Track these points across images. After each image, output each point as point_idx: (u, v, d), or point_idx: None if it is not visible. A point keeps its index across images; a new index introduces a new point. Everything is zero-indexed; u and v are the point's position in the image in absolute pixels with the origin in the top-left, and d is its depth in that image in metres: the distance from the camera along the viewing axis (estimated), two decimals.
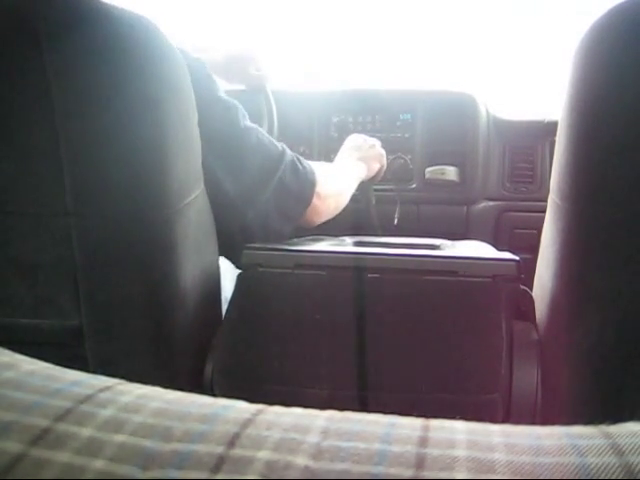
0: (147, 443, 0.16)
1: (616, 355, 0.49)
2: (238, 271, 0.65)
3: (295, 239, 0.90)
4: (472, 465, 0.15)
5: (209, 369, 0.64)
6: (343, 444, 0.16)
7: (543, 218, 0.60)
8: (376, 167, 1.08)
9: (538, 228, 0.63)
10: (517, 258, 0.59)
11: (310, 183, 0.78)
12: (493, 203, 1.33)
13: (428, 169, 1.30)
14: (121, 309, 0.61)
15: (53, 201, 0.57)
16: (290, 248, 0.67)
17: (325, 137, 1.38)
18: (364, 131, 1.36)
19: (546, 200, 0.58)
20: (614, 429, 0.16)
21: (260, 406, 0.18)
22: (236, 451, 0.15)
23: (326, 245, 0.80)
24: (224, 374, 0.59)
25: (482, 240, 1.03)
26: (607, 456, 0.14)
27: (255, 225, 0.73)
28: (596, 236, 0.49)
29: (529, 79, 1.48)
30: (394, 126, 1.36)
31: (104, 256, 0.59)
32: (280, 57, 1.62)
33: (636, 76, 0.45)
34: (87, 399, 0.18)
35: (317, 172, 0.80)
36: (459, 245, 0.94)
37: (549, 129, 1.22)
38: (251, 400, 0.19)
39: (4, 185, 0.58)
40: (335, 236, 0.94)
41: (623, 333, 0.49)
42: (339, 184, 0.90)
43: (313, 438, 0.16)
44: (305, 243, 0.84)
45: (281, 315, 0.60)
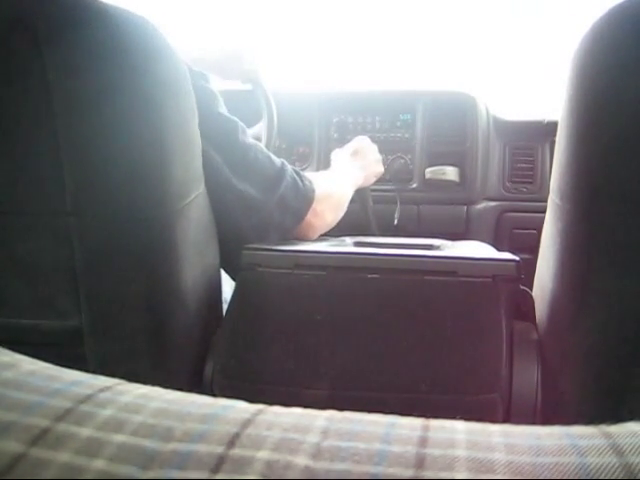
0: (147, 443, 0.16)
1: (616, 355, 0.49)
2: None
3: (295, 239, 0.90)
4: (472, 465, 0.15)
5: (209, 369, 0.64)
6: (343, 444, 0.16)
7: (543, 218, 0.60)
8: (373, 175, 1.08)
9: (538, 228, 0.63)
10: (517, 258, 0.59)
11: (308, 200, 0.79)
12: (493, 203, 1.33)
13: (428, 169, 1.30)
14: (121, 309, 0.61)
15: (53, 201, 0.57)
16: (290, 248, 0.67)
17: (325, 137, 1.39)
18: (364, 131, 1.36)
19: (546, 200, 0.58)
20: (614, 429, 0.16)
21: (260, 406, 0.18)
22: (236, 451, 0.15)
23: (326, 245, 0.80)
24: (224, 374, 0.59)
25: (482, 240, 1.03)
26: (607, 456, 0.14)
27: (251, 236, 0.73)
28: (596, 236, 0.49)
29: (529, 79, 1.48)
30: (394, 126, 1.36)
31: (104, 256, 0.59)
32: (280, 57, 1.62)
33: (636, 76, 0.45)
34: (87, 399, 0.18)
35: (316, 188, 0.80)
36: (459, 245, 0.94)
37: (549, 129, 1.22)
38: (251, 400, 0.19)
39: (4, 185, 0.58)
40: (335, 236, 0.95)
41: (623, 333, 0.49)
42: (337, 198, 0.89)
43: (313, 438, 0.16)
44: (305, 243, 0.84)
45: (281, 315, 0.60)
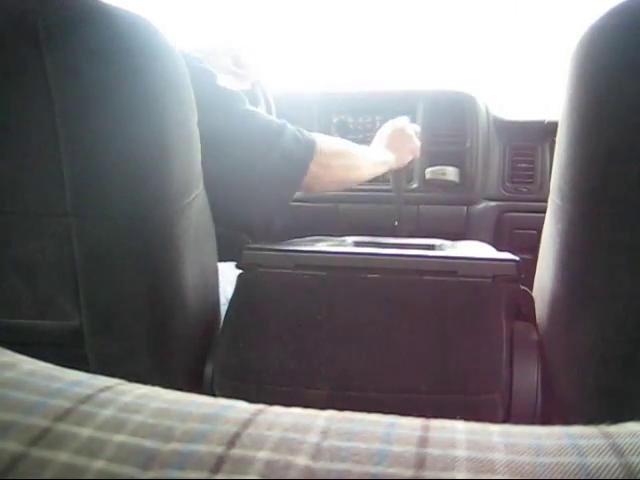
0: (147, 443, 0.16)
1: (616, 355, 0.49)
2: (238, 272, 0.65)
3: (295, 239, 0.91)
4: (472, 465, 0.15)
5: (209, 369, 0.64)
6: (343, 444, 0.16)
7: (543, 218, 0.60)
8: (408, 158, 1.07)
9: (538, 228, 0.63)
10: (517, 258, 0.59)
11: (309, 149, 0.82)
12: (493, 203, 1.33)
13: (428, 169, 1.30)
14: (121, 309, 0.61)
15: (53, 201, 0.57)
16: (290, 248, 0.67)
17: None
18: (364, 131, 1.37)
19: (546, 200, 0.58)
20: (614, 429, 0.16)
21: (260, 406, 0.18)
22: (236, 451, 0.15)
23: (326, 245, 0.80)
24: (224, 374, 0.59)
25: (482, 240, 1.03)
26: (607, 456, 0.14)
27: (262, 188, 0.77)
28: (596, 236, 0.49)
29: (529, 79, 1.48)
30: None
31: (104, 256, 0.59)
32: (280, 57, 1.62)
33: (636, 76, 0.45)
34: (87, 399, 0.18)
35: (318, 141, 0.84)
36: (459, 245, 0.94)
37: (549, 129, 1.22)
38: (251, 400, 0.19)
39: (4, 185, 0.58)
40: (335, 236, 0.95)
41: (623, 333, 0.49)
42: (350, 157, 0.92)
43: (313, 438, 0.16)
44: (305, 243, 0.84)
45: (281, 315, 0.60)
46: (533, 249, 0.68)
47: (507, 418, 0.55)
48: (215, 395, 0.61)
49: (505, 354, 0.54)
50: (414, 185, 1.33)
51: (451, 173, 1.29)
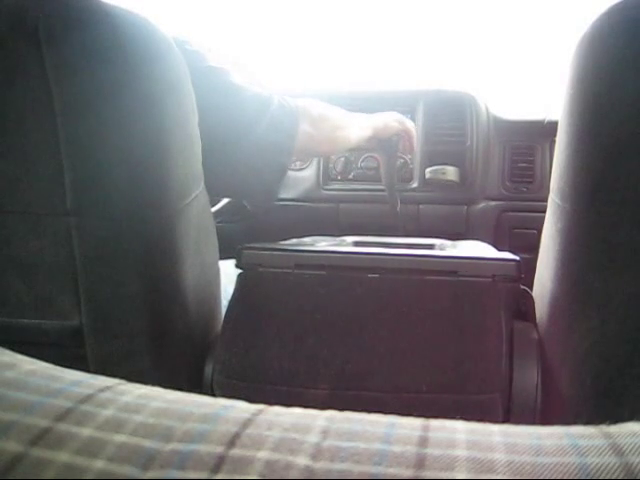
0: (147, 443, 0.16)
1: (616, 355, 0.49)
2: (238, 271, 0.65)
3: (295, 239, 0.91)
4: (472, 465, 0.15)
5: (209, 369, 0.64)
6: (343, 444, 0.16)
7: (543, 218, 0.60)
8: (393, 124, 1.06)
9: (538, 228, 0.63)
10: (517, 258, 0.59)
11: (296, 114, 0.85)
12: (493, 203, 1.33)
13: (428, 169, 1.30)
14: (121, 309, 0.61)
15: (53, 201, 0.57)
16: (290, 248, 0.67)
17: None
18: None
19: (546, 200, 0.58)
20: (614, 429, 0.16)
21: (260, 406, 0.18)
22: (236, 451, 0.15)
23: (326, 245, 0.80)
24: (224, 374, 0.59)
25: (482, 240, 1.03)
26: (607, 456, 0.14)
27: (257, 156, 0.80)
28: (596, 236, 0.49)
29: (529, 79, 1.48)
30: None
31: (104, 256, 0.59)
32: (280, 57, 1.62)
33: (636, 76, 0.45)
34: (87, 399, 0.18)
35: (303, 104, 0.87)
36: (459, 245, 0.94)
37: (549, 129, 1.22)
38: (251, 400, 0.19)
39: (4, 185, 0.58)
40: (335, 236, 0.95)
41: (623, 333, 0.49)
42: (333, 117, 0.94)
43: (313, 438, 0.16)
44: (305, 243, 0.84)
45: (281, 315, 0.60)
46: (533, 249, 0.68)
47: (507, 418, 0.55)
48: (215, 395, 0.61)
49: (505, 354, 0.54)
50: (414, 185, 1.33)
51: (451, 173, 1.29)
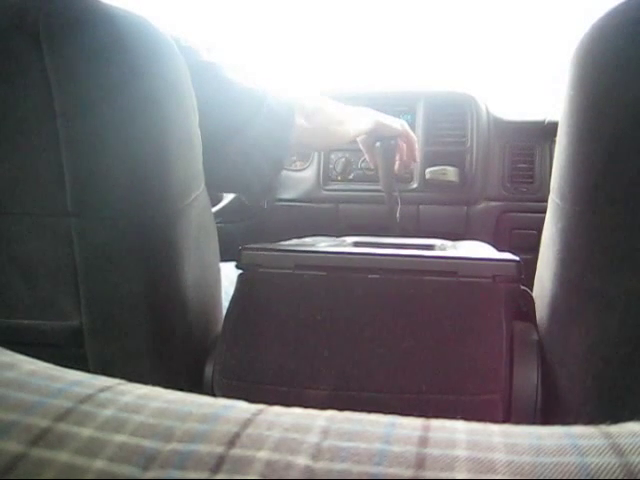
0: (147, 443, 0.16)
1: (616, 355, 0.49)
2: (238, 272, 0.65)
3: (295, 239, 0.91)
4: (472, 465, 0.15)
5: (209, 369, 0.64)
6: (343, 444, 0.16)
7: (543, 218, 0.60)
8: (397, 126, 1.05)
9: (538, 228, 0.63)
10: (517, 258, 0.59)
11: (292, 106, 0.84)
12: (493, 203, 1.33)
13: (428, 169, 1.30)
14: (121, 310, 0.61)
15: (53, 202, 0.57)
16: (290, 249, 0.67)
17: None
18: None
19: (546, 200, 0.58)
20: (614, 429, 0.16)
21: (260, 406, 0.18)
22: (236, 451, 0.15)
23: (326, 245, 0.80)
24: (224, 374, 0.59)
25: (482, 240, 1.03)
26: (607, 456, 0.14)
27: (255, 151, 0.79)
28: (596, 236, 0.49)
29: (529, 79, 1.48)
30: None
31: (104, 256, 0.59)
32: (280, 58, 1.62)
33: (636, 76, 0.45)
34: (87, 399, 0.18)
35: (299, 97, 0.87)
36: (459, 245, 0.94)
37: (549, 130, 1.22)
38: (251, 400, 0.19)
39: (4, 185, 0.58)
40: (335, 236, 0.95)
41: (623, 333, 0.49)
42: (330, 109, 0.93)
43: (313, 438, 0.16)
44: (305, 244, 0.85)
45: (281, 315, 0.60)
46: (533, 249, 0.68)
47: (507, 418, 0.55)
48: (215, 395, 0.61)
49: (505, 354, 0.54)
50: (414, 185, 1.33)
51: (451, 173, 1.29)
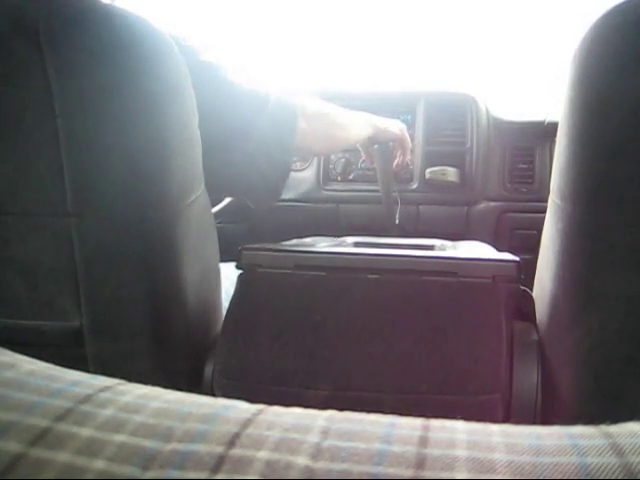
0: (147, 443, 0.16)
1: (616, 355, 0.49)
2: (238, 272, 0.65)
3: (295, 240, 0.91)
4: (472, 465, 0.15)
5: (209, 369, 0.64)
6: (343, 444, 0.16)
7: (543, 219, 0.60)
8: (394, 129, 1.06)
9: (538, 229, 0.63)
10: (517, 259, 0.59)
11: (294, 110, 0.84)
12: (493, 204, 1.33)
13: (428, 170, 1.30)
14: (121, 310, 0.61)
15: (53, 202, 0.57)
16: (290, 249, 0.67)
17: None
18: None
19: (546, 201, 0.58)
20: (614, 429, 0.16)
21: (260, 406, 0.18)
22: (236, 451, 0.15)
23: (326, 246, 0.80)
24: (224, 374, 0.59)
25: (482, 241, 1.03)
26: (607, 456, 0.14)
27: (260, 155, 0.79)
28: (596, 236, 0.49)
29: (529, 80, 1.48)
30: None
31: (104, 257, 0.59)
32: (280, 57, 1.62)
33: (636, 76, 0.45)
34: (87, 399, 0.18)
35: (301, 101, 0.86)
36: (459, 246, 0.94)
37: (549, 130, 1.22)
38: (251, 400, 0.19)
39: (4, 185, 0.58)
40: (335, 236, 0.95)
41: (623, 333, 0.49)
42: (331, 114, 0.93)
43: (313, 438, 0.16)
44: (305, 244, 0.84)
45: (281, 315, 0.60)
46: (533, 249, 0.68)
47: (507, 418, 0.55)
48: (215, 395, 0.61)
49: (505, 354, 0.54)
50: (414, 185, 1.33)
51: (451, 173, 1.29)
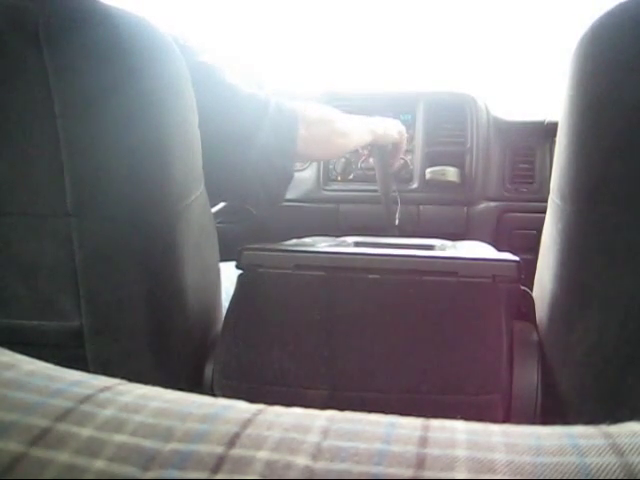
0: (147, 443, 0.16)
1: (616, 355, 0.49)
2: (238, 272, 0.65)
3: (295, 239, 0.91)
4: (472, 465, 0.15)
5: (209, 369, 0.64)
6: (343, 444, 0.16)
7: (543, 219, 0.60)
8: (393, 133, 1.06)
9: (538, 229, 0.63)
10: (517, 259, 0.59)
11: (294, 117, 0.84)
12: (493, 204, 1.33)
13: (428, 170, 1.30)
14: (121, 310, 0.61)
15: (53, 202, 0.57)
16: (290, 249, 0.67)
17: None
18: None
19: (546, 201, 0.58)
20: (614, 429, 0.16)
21: (260, 406, 0.18)
22: (236, 451, 0.15)
23: (326, 246, 0.80)
24: (224, 374, 0.59)
25: (482, 241, 1.03)
26: (607, 456, 0.14)
27: (262, 162, 0.79)
28: (596, 236, 0.49)
29: (529, 80, 1.48)
30: None
31: (104, 257, 0.59)
32: (280, 57, 1.62)
33: (636, 76, 0.45)
34: (87, 399, 0.18)
35: (302, 108, 0.86)
36: (459, 246, 0.94)
37: (549, 130, 1.22)
38: (251, 400, 0.19)
39: (4, 186, 0.58)
40: (335, 236, 0.95)
41: (623, 333, 0.49)
42: (332, 120, 0.93)
43: (313, 438, 0.16)
44: (305, 244, 0.84)
45: (281, 316, 0.60)
46: (533, 249, 0.68)
47: (507, 418, 0.55)
48: (215, 395, 0.61)
49: (505, 354, 0.54)
50: (414, 185, 1.33)
51: (451, 173, 1.29)
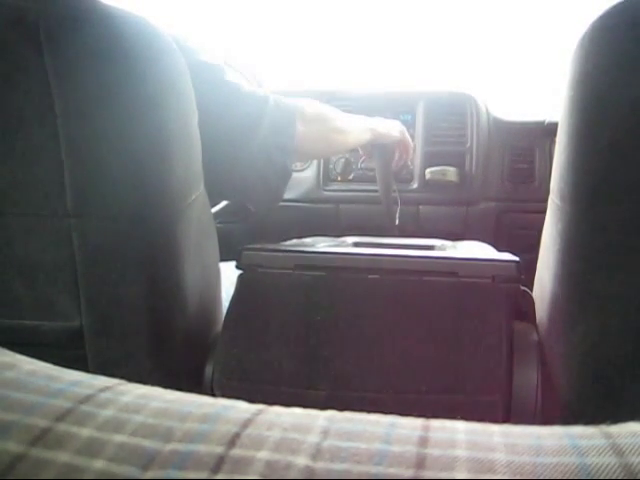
0: (147, 443, 0.16)
1: (616, 355, 0.49)
2: (238, 272, 0.65)
3: (295, 239, 0.91)
4: (472, 465, 0.15)
5: (209, 370, 0.64)
6: (343, 444, 0.16)
7: (543, 219, 0.60)
8: (394, 132, 1.07)
9: (538, 229, 0.63)
10: (517, 259, 0.59)
11: (292, 114, 0.84)
12: (493, 204, 1.33)
13: (428, 169, 1.30)
14: (122, 310, 0.61)
15: (53, 202, 0.57)
16: (290, 249, 0.67)
17: None
18: None
19: (546, 201, 0.58)
20: (614, 429, 0.16)
21: (260, 406, 0.18)
22: (236, 451, 0.15)
23: (326, 246, 0.80)
24: (224, 374, 0.59)
25: (482, 241, 1.03)
26: (607, 456, 0.14)
27: (262, 159, 0.79)
28: (596, 236, 0.49)
29: (529, 80, 1.48)
30: None
31: (105, 257, 0.59)
32: (280, 57, 1.62)
33: (635, 76, 0.45)
34: (87, 399, 0.18)
35: (300, 104, 0.86)
36: (459, 246, 0.94)
37: (549, 130, 1.22)
38: (251, 400, 0.19)
39: (4, 186, 0.58)
40: (335, 236, 0.95)
41: (623, 333, 0.49)
42: (331, 118, 0.93)
43: (313, 438, 0.16)
44: (305, 244, 0.85)
45: (281, 315, 0.60)
46: (533, 249, 0.68)
47: (507, 418, 0.55)
48: (215, 395, 0.61)
49: (505, 354, 0.54)
50: (414, 185, 1.33)
51: (451, 173, 1.29)
